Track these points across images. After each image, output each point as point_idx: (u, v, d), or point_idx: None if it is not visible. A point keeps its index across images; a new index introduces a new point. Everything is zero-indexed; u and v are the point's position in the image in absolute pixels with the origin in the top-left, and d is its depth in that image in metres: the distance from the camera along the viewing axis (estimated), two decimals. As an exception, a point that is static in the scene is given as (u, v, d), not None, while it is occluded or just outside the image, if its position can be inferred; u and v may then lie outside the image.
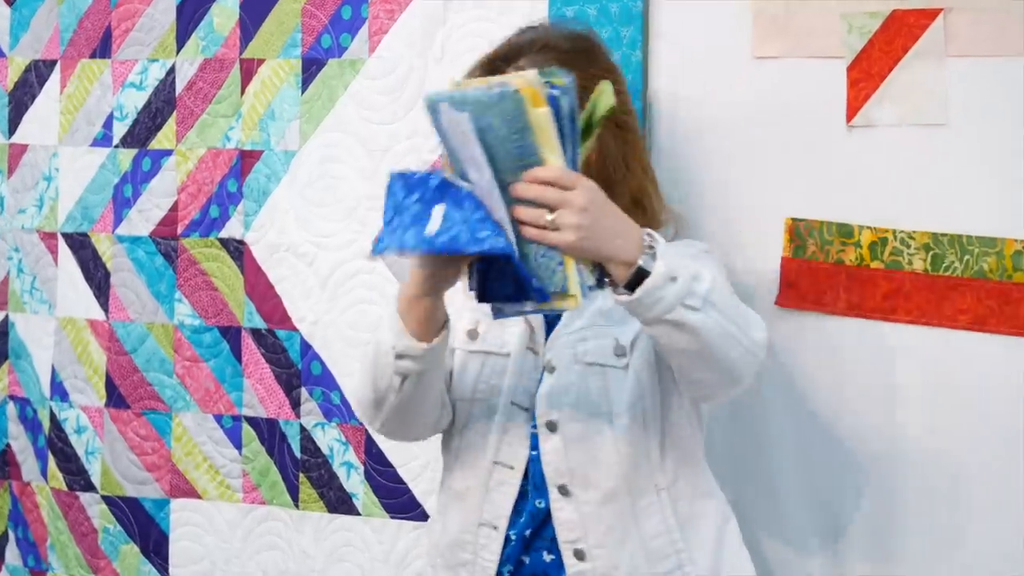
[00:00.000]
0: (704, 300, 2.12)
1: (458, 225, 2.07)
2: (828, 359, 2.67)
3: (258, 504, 3.18)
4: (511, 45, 2.47)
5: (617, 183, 2.40)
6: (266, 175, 3.14)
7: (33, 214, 3.41)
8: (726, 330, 2.16)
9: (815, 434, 2.69)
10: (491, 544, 2.41)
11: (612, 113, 2.20)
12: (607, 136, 2.38)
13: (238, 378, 3.18)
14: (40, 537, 3.40)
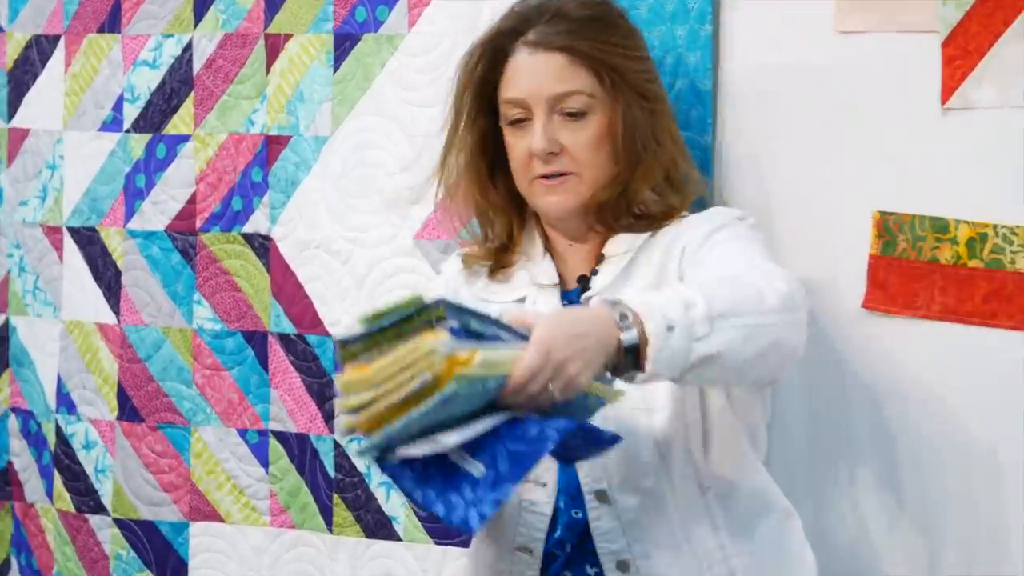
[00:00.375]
0: (708, 320, 2.13)
1: (503, 447, 2.14)
2: (920, 367, 2.68)
3: (287, 528, 3.19)
4: (518, 15, 2.51)
5: (648, 159, 2.47)
6: (295, 163, 3.16)
7: (36, 206, 3.43)
8: (745, 330, 2.16)
9: (903, 446, 2.70)
10: (528, 571, 2.45)
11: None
12: (635, 110, 2.45)
13: (264, 388, 3.20)
14: (45, 565, 3.42)
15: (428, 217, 3.04)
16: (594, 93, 2.45)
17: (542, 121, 2.45)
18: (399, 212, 3.06)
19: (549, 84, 2.45)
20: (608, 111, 2.46)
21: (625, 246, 2.49)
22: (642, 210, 2.50)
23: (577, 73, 2.44)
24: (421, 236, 3.05)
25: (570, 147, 2.45)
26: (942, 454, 2.69)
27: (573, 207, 2.49)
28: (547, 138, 2.44)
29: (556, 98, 2.45)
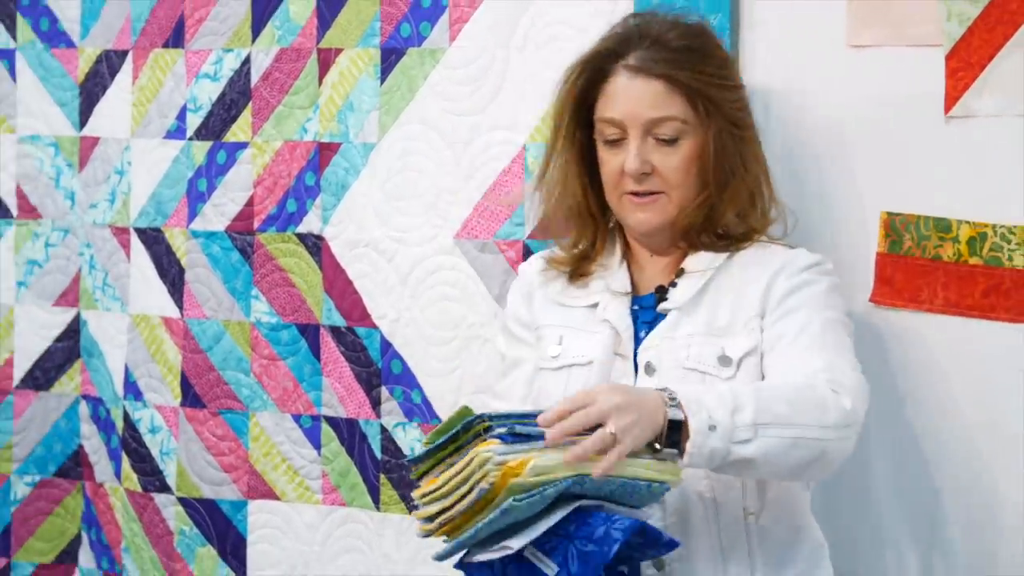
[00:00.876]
0: (753, 427, 2.17)
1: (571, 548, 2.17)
2: (924, 358, 2.68)
3: (338, 506, 3.20)
4: (619, 38, 2.49)
5: (733, 183, 2.45)
6: (345, 168, 3.16)
7: (105, 209, 3.43)
8: (791, 439, 2.20)
9: (910, 434, 2.70)
10: None
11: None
12: (725, 137, 2.43)
13: (317, 377, 3.20)
14: (114, 539, 3.43)
15: (467, 218, 3.04)
16: (687, 120, 2.43)
17: (637, 143, 2.43)
18: (439, 213, 3.06)
19: (646, 109, 2.43)
20: (700, 137, 2.44)
21: (705, 264, 2.47)
22: (724, 231, 2.49)
23: (673, 100, 2.43)
24: (460, 236, 3.05)
25: (661, 169, 2.44)
26: (944, 438, 2.68)
27: (660, 224, 2.48)
28: (640, 159, 2.43)
29: (652, 123, 2.43)
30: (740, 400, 2.18)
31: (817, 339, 2.36)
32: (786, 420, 2.19)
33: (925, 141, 2.66)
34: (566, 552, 2.16)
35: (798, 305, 2.40)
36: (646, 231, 2.50)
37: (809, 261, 2.46)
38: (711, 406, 2.16)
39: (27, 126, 3.54)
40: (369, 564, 3.18)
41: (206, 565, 3.31)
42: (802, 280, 2.43)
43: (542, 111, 2.95)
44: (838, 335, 2.38)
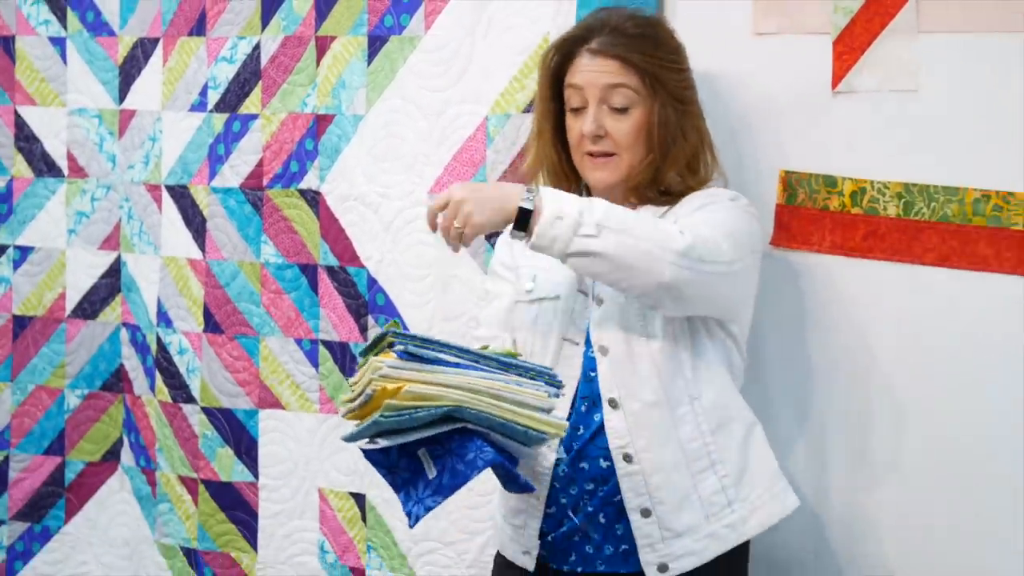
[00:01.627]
0: (598, 226, 2.20)
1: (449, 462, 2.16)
2: (815, 290, 2.68)
3: (332, 414, 3.19)
4: (584, 27, 2.49)
5: (674, 149, 2.45)
6: (338, 135, 3.14)
7: (140, 170, 3.41)
8: (631, 246, 2.20)
9: (803, 354, 2.70)
10: (549, 454, 2.42)
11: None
12: (668, 110, 2.43)
13: (315, 308, 3.18)
14: (149, 441, 3.42)
15: (438, 176, 3.02)
16: (638, 91, 2.43)
17: (594, 109, 2.44)
18: (416, 172, 3.04)
19: (603, 78, 2.43)
20: (647, 108, 2.44)
21: (650, 214, 2.45)
22: (667, 188, 2.49)
23: (626, 75, 2.43)
24: (433, 191, 3.03)
25: (613, 133, 2.44)
26: (829, 355, 2.69)
27: (614, 182, 2.47)
28: (596, 123, 2.43)
29: (606, 89, 2.43)
30: (594, 204, 2.22)
31: (696, 213, 2.38)
32: (628, 231, 2.21)
33: (816, 112, 2.66)
34: (445, 464, 2.16)
35: (698, 208, 2.42)
36: (602, 188, 2.49)
37: (725, 192, 2.48)
38: (564, 201, 2.21)
39: (76, 101, 3.50)
40: (357, 461, 3.15)
41: (224, 462, 3.30)
42: (713, 199, 2.45)
43: (501, 87, 2.94)
44: (720, 219, 2.38)
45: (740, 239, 2.37)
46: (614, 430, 2.39)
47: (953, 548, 2.60)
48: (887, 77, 2.59)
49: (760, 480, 2.44)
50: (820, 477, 2.72)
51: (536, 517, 2.46)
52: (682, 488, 2.38)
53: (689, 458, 2.38)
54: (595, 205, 2.23)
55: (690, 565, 2.38)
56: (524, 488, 2.27)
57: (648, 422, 2.38)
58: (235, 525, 3.30)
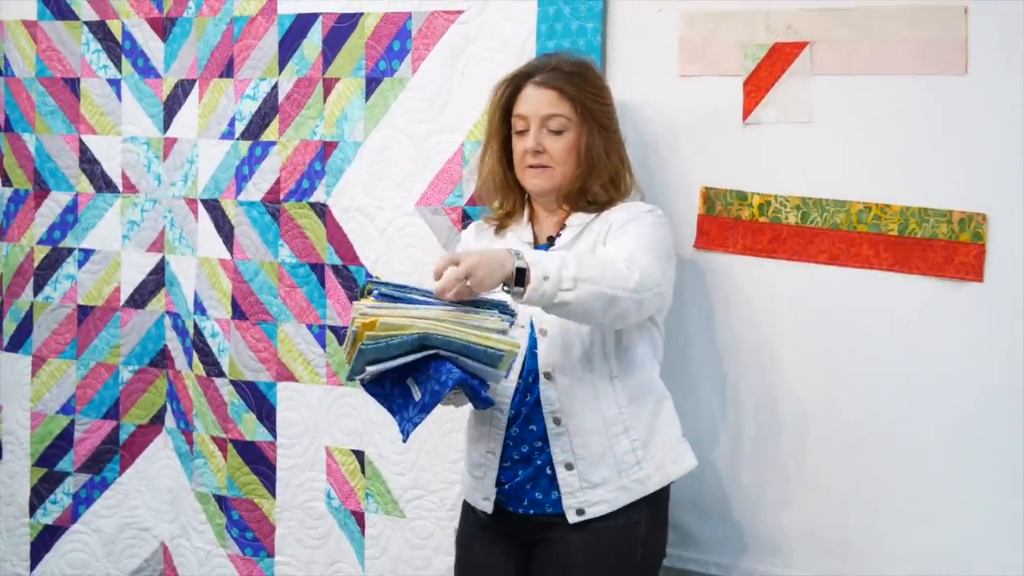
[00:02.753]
0: (574, 280, 2.17)
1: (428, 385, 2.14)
2: (729, 285, 2.64)
3: (336, 386, 3.14)
4: (532, 65, 2.50)
5: (598, 167, 2.44)
6: (341, 159, 3.09)
7: (180, 187, 3.36)
8: (599, 293, 2.19)
9: (720, 337, 2.65)
10: (500, 422, 2.42)
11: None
12: (595, 134, 2.42)
13: (323, 299, 3.14)
14: (188, 408, 3.37)
15: (423, 192, 2.98)
16: (571, 119, 2.42)
17: (535, 131, 2.43)
18: (405, 189, 3.00)
19: (543, 107, 2.43)
20: (578, 132, 2.43)
21: (579, 221, 2.46)
22: (593, 199, 2.48)
23: (561, 103, 2.42)
24: (420, 204, 2.98)
25: (550, 150, 2.43)
26: (741, 344, 2.65)
27: (549, 188, 2.46)
28: (536, 141, 2.43)
29: (545, 117, 2.43)
30: (567, 262, 2.18)
31: (630, 238, 2.35)
32: (596, 280, 2.19)
33: (730, 139, 2.63)
34: (426, 387, 2.16)
35: (626, 223, 2.40)
36: (539, 192, 2.48)
37: (644, 207, 2.46)
38: (546, 263, 2.17)
39: (128, 131, 3.45)
40: (358, 424, 3.13)
41: (249, 426, 3.25)
42: (635, 215, 2.42)
43: (474, 119, 2.91)
44: (645, 238, 2.36)
45: (664, 253, 2.38)
46: (547, 399, 2.38)
47: (843, 495, 2.56)
48: (787, 111, 2.56)
49: (665, 444, 2.42)
50: (731, 435, 2.68)
51: (493, 469, 2.44)
52: (599, 448, 2.36)
53: (607, 424, 2.37)
54: (568, 261, 2.20)
55: (602, 511, 2.37)
56: (487, 403, 2.25)
57: (575, 393, 2.37)
58: (257, 476, 3.25)
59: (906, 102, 2.42)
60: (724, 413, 2.67)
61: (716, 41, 2.62)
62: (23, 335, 3.56)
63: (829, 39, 2.50)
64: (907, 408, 2.46)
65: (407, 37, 2.97)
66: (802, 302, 2.56)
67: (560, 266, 2.17)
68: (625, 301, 2.22)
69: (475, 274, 2.13)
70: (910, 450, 2.46)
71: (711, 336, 2.66)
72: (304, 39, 3.11)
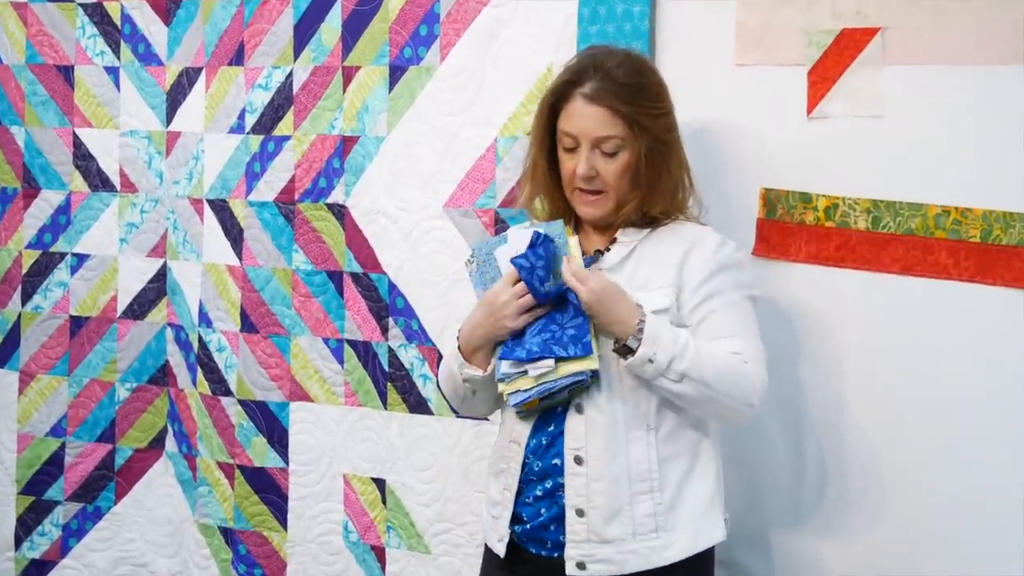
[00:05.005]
0: (682, 375, 2.27)
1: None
2: (792, 296, 2.67)
3: (356, 406, 3.18)
4: (576, 70, 2.43)
5: (659, 185, 2.43)
6: (362, 155, 3.13)
7: (185, 185, 3.40)
8: (709, 397, 2.28)
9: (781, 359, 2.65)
10: (516, 456, 2.42)
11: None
12: (654, 152, 2.41)
13: (341, 310, 3.17)
14: (191, 430, 3.41)
15: (453, 192, 3.02)
16: (625, 138, 2.39)
17: (586, 153, 2.40)
18: (432, 188, 3.04)
19: (595, 128, 2.39)
20: (634, 151, 2.40)
21: (632, 236, 2.46)
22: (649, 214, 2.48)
23: (615, 123, 2.38)
24: (448, 205, 3.02)
25: (604, 174, 2.41)
26: (803, 358, 2.68)
27: (601, 216, 2.46)
28: (588, 166, 2.41)
29: (598, 140, 2.39)
30: (684, 352, 2.28)
31: (735, 325, 2.38)
32: (706, 383, 2.29)
33: (793, 136, 2.65)
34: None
35: (714, 291, 2.39)
36: (591, 221, 2.49)
37: (715, 242, 2.43)
38: (660, 346, 2.27)
39: (127, 124, 3.50)
40: (379, 449, 3.17)
41: (258, 450, 3.30)
42: (715, 266, 2.41)
43: (509, 112, 2.94)
44: (747, 318, 2.41)
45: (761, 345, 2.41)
46: (572, 433, 2.37)
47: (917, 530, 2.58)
48: (856, 104, 2.58)
49: (689, 514, 2.39)
50: (792, 466, 2.70)
51: (508, 508, 2.44)
52: (618, 502, 2.34)
53: (632, 478, 2.35)
54: (686, 353, 2.28)
55: (606, 572, 2.35)
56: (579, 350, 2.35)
57: (603, 433, 2.36)
58: (267, 507, 3.30)
59: (989, 94, 2.44)
60: (785, 440, 2.70)
61: (776, 27, 2.64)
62: (10, 349, 3.62)
63: (903, 24, 2.52)
64: (990, 436, 2.48)
65: (435, 21, 3.02)
66: (872, 316, 2.59)
67: (673, 356, 2.27)
68: (736, 412, 2.33)
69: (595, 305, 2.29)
70: (993, 485, 2.48)
71: (772, 356, 2.60)
72: (322, 23, 3.16)
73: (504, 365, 2.36)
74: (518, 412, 2.40)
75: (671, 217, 2.48)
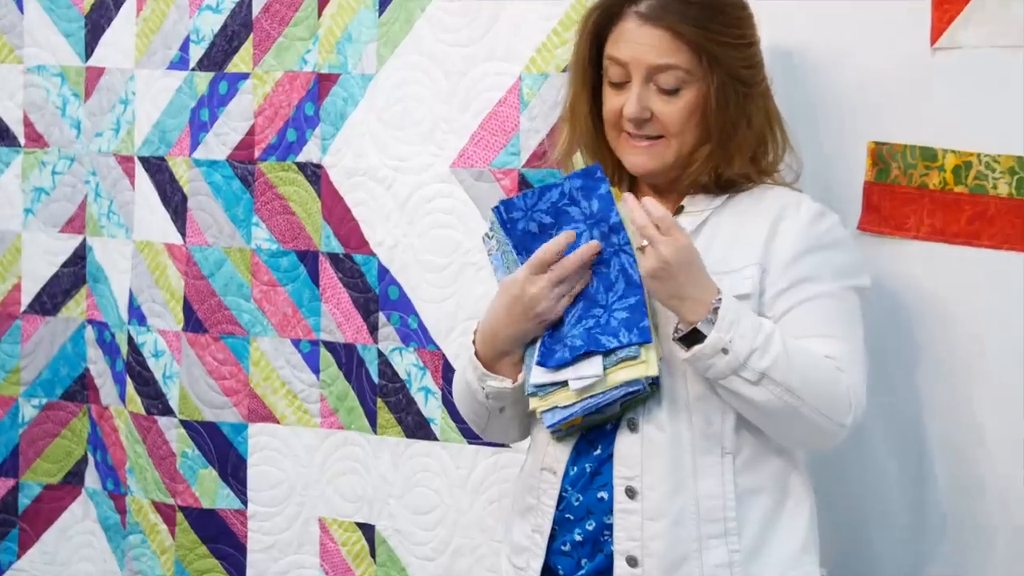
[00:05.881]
0: (762, 375, 2.23)
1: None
2: (909, 285, 2.67)
3: (336, 429, 3.20)
4: None
5: (736, 140, 2.41)
6: (343, 98, 3.15)
7: (110, 138, 3.42)
8: (793, 407, 2.25)
9: (895, 363, 2.69)
10: (550, 489, 2.42)
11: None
12: (727, 91, 2.39)
13: (316, 303, 3.20)
14: (119, 461, 3.43)
15: (463, 147, 3.04)
16: (691, 70, 2.38)
17: (638, 88, 2.39)
18: (436, 142, 3.05)
19: (650, 55, 2.38)
20: (702, 88, 2.39)
21: (702, 205, 2.45)
22: (725, 176, 2.46)
23: (677, 50, 2.37)
24: (457, 164, 3.05)
25: (660, 116, 2.40)
26: (928, 369, 2.68)
27: (655, 169, 2.45)
28: (640, 105, 2.39)
29: (654, 69, 2.38)
30: (768, 346, 2.25)
31: (832, 322, 2.37)
32: (791, 390, 2.25)
33: (912, 72, 2.64)
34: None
35: (805, 276, 2.38)
36: (641, 174, 2.48)
37: (811, 213, 2.43)
38: (739, 333, 2.24)
39: (34, 56, 3.53)
40: (366, 485, 3.19)
41: (207, 486, 3.32)
42: (810, 242, 2.40)
43: (538, 42, 2.95)
44: (848, 315, 2.39)
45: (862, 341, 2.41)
46: (623, 457, 2.36)
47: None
48: (997, 31, 2.57)
49: (776, 567, 2.38)
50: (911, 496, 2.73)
51: (539, 557, 2.44)
52: (683, 547, 2.33)
53: (701, 517, 2.34)
54: (770, 347, 2.25)
55: None
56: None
57: (664, 457, 2.35)
58: (219, 560, 3.32)
59: None
60: (898, 470, 2.72)
61: (891, -71, 2.64)
62: None
63: (1057, -75, 2.51)
64: None
65: (440, -80, 3.04)
66: (1015, 309, 2.59)
67: (755, 347, 2.24)
68: (823, 433, 2.30)
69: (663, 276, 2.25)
70: None
71: (881, 357, 2.66)
72: (289, -77, 3.19)
73: (537, 373, 2.35)
74: (554, 432, 2.40)
75: (754, 182, 2.48)
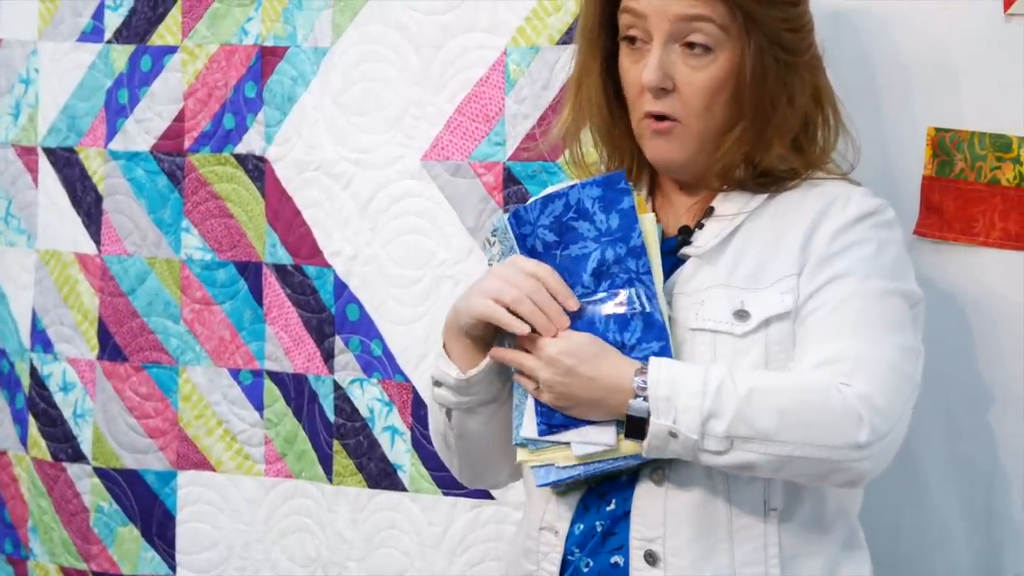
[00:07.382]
0: (726, 439, 2.19)
1: None
2: (978, 299, 2.68)
3: (283, 478, 3.22)
4: None
5: (775, 120, 2.37)
6: (292, 77, 3.16)
7: (8, 125, 3.43)
8: (778, 458, 2.21)
9: (957, 391, 2.70)
10: (551, 552, 2.41)
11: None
12: (765, 58, 2.34)
13: (259, 324, 3.21)
14: (20, 518, 3.44)
15: (437, 136, 3.05)
16: (725, 26, 2.32)
17: (660, 49, 2.34)
18: (404, 131, 3.06)
19: (677, 4, 2.32)
20: (736, 55, 2.34)
21: (737, 206, 2.41)
22: (763, 167, 2.43)
23: (709, 2, 2.31)
24: (429, 157, 3.06)
25: (684, 87, 2.35)
26: (1000, 394, 2.69)
27: (679, 159, 2.41)
28: (661, 71, 2.33)
29: (681, 20, 2.32)
30: (720, 404, 2.19)
31: (855, 323, 2.30)
32: (771, 436, 2.20)
33: (981, 45, 2.66)
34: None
35: (843, 271, 2.33)
36: (662, 163, 2.44)
37: (864, 208, 2.38)
38: (681, 406, 2.20)
39: (-87, 26, 3.54)
40: (320, 546, 3.19)
41: (128, 547, 3.33)
42: (854, 237, 2.35)
43: (527, 9, 2.96)
44: (884, 319, 2.31)
45: (910, 348, 2.32)
46: (643, 515, 2.34)
47: None
48: (1085, -6, 2.60)
49: None
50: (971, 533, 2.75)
51: None
52: None
53: None
54: (724, 401, 2.20)
55: None
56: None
57: (694, 518, 2.33)
58: (142, 640, 3.33)
59: None
60: (963, 502, 2.74)
61: None
62: None
63: None
64: None
65: None
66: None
67: (706, 413, 2.19)
68: (836, 468, 2.21)
69: (556, 389, 2.27)
70: None
71: (941, 384, 2.68)
72: None
73: (529, 426, 2.34)
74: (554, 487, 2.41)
75: (800, 175, 2.44)
